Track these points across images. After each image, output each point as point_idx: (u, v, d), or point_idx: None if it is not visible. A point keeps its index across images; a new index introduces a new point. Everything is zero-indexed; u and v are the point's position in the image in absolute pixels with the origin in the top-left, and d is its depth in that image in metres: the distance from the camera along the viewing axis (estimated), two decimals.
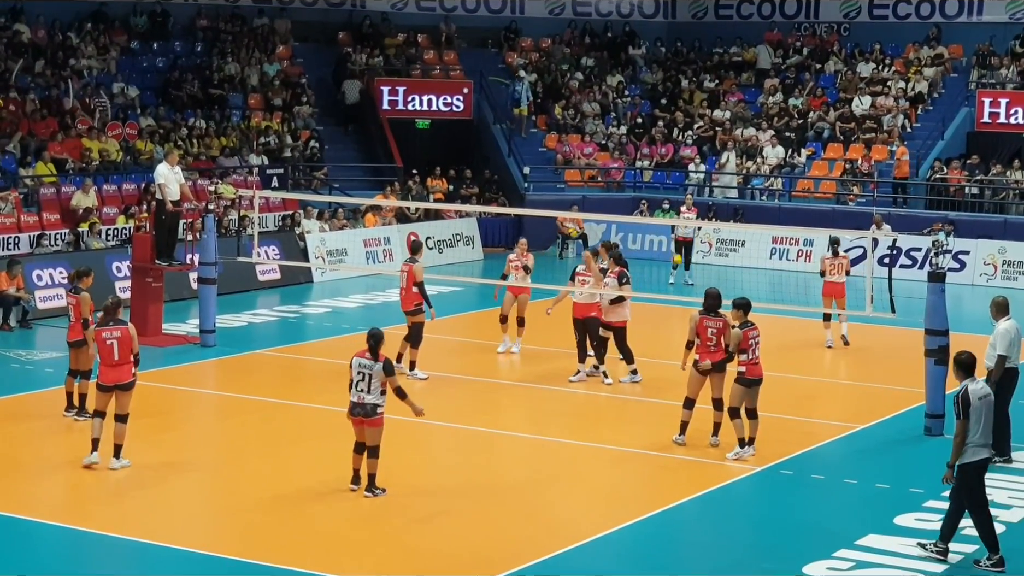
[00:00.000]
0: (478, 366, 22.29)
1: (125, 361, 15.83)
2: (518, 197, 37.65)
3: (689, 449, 17.22)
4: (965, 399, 13.12)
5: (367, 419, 14.79)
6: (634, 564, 13.49)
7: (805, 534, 14.31)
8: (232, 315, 25.70)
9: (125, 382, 15.81)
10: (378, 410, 14.76)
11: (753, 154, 38.60)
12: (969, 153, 37.05)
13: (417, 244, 21.91)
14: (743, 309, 16.83)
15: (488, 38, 42.94)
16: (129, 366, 15.83)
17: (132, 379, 15.86)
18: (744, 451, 16.79)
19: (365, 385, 14.70)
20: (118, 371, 15.80)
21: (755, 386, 16.74)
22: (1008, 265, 32.45)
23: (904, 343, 22.80)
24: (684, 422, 17.30)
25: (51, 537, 13.89)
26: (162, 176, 23.24)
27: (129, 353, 15.82)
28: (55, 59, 34.03)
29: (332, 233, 32.18)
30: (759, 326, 16.94)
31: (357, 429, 14.95)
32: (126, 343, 15.79)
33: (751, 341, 16.59)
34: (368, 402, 14.73)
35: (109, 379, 15.81)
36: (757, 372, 16.74)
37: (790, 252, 34.60)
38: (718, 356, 16.93)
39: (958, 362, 13.33)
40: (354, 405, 14.80)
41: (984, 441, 13.27)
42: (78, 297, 17.87)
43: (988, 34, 39.81)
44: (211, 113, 35.36)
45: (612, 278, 20.68)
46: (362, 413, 14.78)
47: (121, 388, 15.80)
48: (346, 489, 15.03)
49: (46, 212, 28.60)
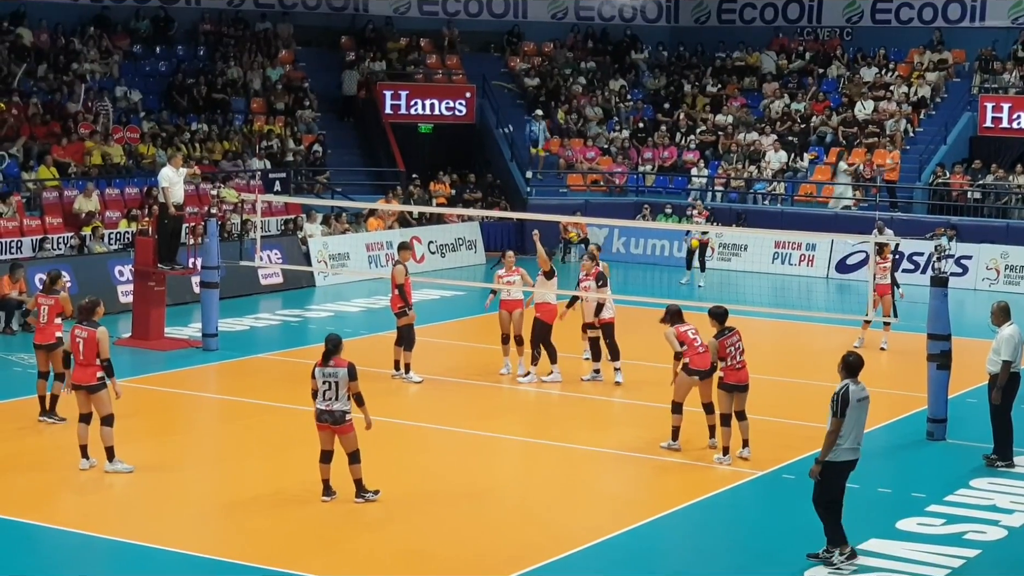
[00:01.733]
0: (474, 369, 22.26)
1: (90, 363, 15.80)
2: (520, 201, 37.64)
3: (689, 453, 17.20)
4: (844, 398, 13.09)
5: (336, 426, 14.70)
6: (634, 569, 13.46)
7: (807, 539, 14.27)
8: (234, 319, 25.70)
9: (87, 384, 15.79)
10: (347, 416, 14.70)
11: (756, 158, 38.60)
12: (972, 158, 37.05)
13: (401, 244, 22.01)
14: (718, 319, 16.83)
15: (491, 42, 42.96)
16: (95, 369, 15.78)
17: (96, 382, 15.80)
18: (725, 459, 16.78)
19: (332, 393, 14.64)
20: (82, 371, 15.83)
21: (737, 391, 16.75)
22: (1011, 270, 32.43)
23: (906, 347, 22.77)
24: (675, 427, 17.29)
25: (50, 540, 13.89)
26: (166, 180, 23.26)
27: (94, 356, 15.77)
28: (57, 63, 34.06)
29: (334, 237, 32.19)
30: (741, 330, 16.88)
31: (324, 436, 14.84)
32: (91, 345, 15.76)
33: (729, 348, 16.61)
34: (336, 409, 14.66)
35: (74, 378, 15.92)
36: (739, 377, 16.73)
37: (792, 256, 34.60)
38: (708, 361, 16.99)
39: (845, 363, 13.25)
40: (321, 412, 14.72)
41: (854, 444, 13.22)
42: (57, 298, 17.97)
43: (991, 38, 39.82)
44: (214, 117, 35.39)
45: (590, 280, 20.98)
46: (331, 420, 14.70)
47: (86, 390, 15.80)
48: (344, 493, 14.99)
49: (49, 216, 28.63)
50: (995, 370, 16.89)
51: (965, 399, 19.64)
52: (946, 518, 14.73)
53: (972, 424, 17.90)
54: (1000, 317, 17.07)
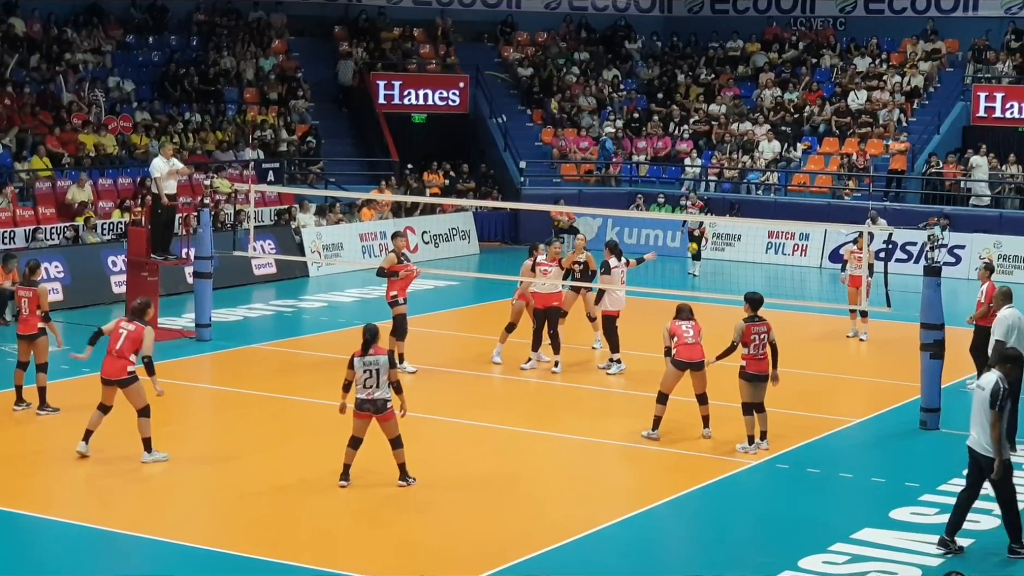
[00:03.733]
0: (468, 360, 22.26)
1: (123, 356, 15.91)
2: (514, 191, 37.64)
3: (683, 443, 17.22)
4: None
5: (380, 414, 14.87)
6: (629, 559, 13.48)
7: (801, 528, 14.31)
8: (228, 309, 25.68)
9: (118, 378, 15.88)
10: (388, 404, 14.86)
11: (749, 148, 38.60)
12: (965, 147, 37.07)
13: (395, 233, 22.16)
14: (753, 305, 16.79)
15: (484, 32, 42.92)
16: (125, 363, 15.87)
17: (127, 376, 15.91)
18: (751, 447, 16.80)
19: (374, 381, 14.75)
20: (113, 363, 15.94)
21: (757, 382, 16.73)
22: (1003, 259, 32.45)
23: (900, 337, 22.80)
24: (657, 417, 17.29)
25: (46, 532, 13.90)
26: (157, 170, 23.22)
27: (131, 351, 15.94)
28: (50, 53, 33.99)
29: (328, 227, 32.17)
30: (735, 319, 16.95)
31: (360, 424, 14.95)
32: (135, 341, 15.97)
33: (754, 336, 16.59)
34: (378, 397, 14.80)
35: (105, 372, 16.01)
36: (759, 368, 16.71)
37: (786, 246, 34.62)
38: (698, 353, 17.04)
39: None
40: (363, 402, 14.80)
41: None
42: (35, 290, 18.07)
43: (984, 28, 39.83)
44: (207, 107, 35.34)
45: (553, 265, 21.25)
46: (373, 409, 14.83)
47: (118, 384, 15.89)
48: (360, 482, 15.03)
49: (42, 206, 28.59)
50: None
51: (958, 388, 19.67)
52: (939, 507, 14.75)
53: (965, 413, 17.86)
54: (1000, 301, 17.52)
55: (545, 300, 21.06)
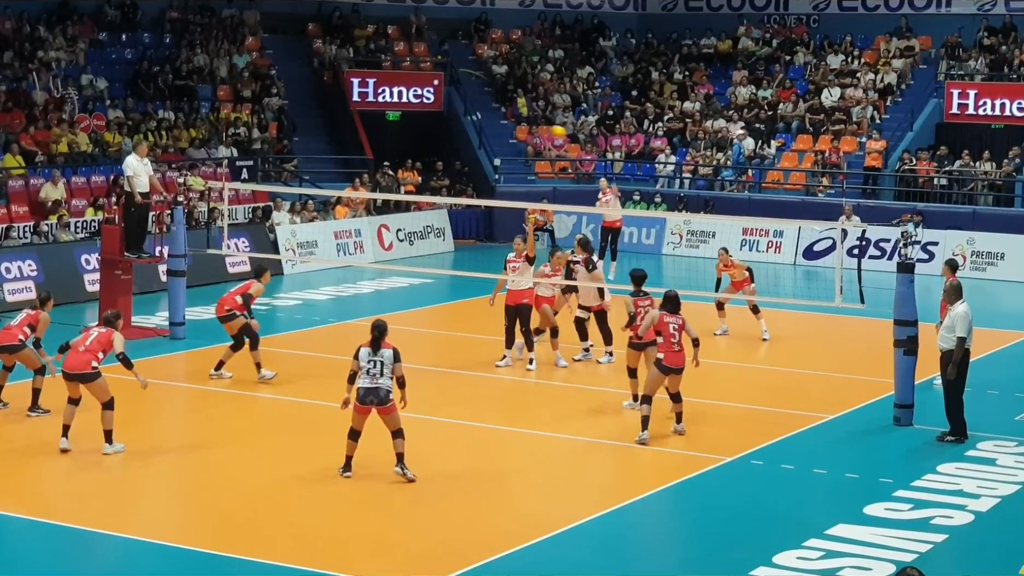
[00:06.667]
0: (447, 358, 22.26)
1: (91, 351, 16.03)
2: (488, 189, 37.62)
3: (658, 440, 17.24)
4: None
5: (382, 406, 15.01)
6: (605, 554, 13.50)
7: (775, 524, 14.34)
8: (202, 307, 25.52)
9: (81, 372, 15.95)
10: (390, 396, 14.98)
11: (723, 145, 38.67)
12: (938, 144, 37.20)
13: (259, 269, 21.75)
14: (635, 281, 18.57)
15: (458, 30, 42.89)
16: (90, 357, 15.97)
17: (91, 371, 15.96)
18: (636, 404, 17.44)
19: (378, 370, 14.92)
20: (77, 358, 16.03)
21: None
22: (977, 256, 32.58)
23: (873, 333, 22.87)
24: (645, 417, 17.29)
25: (17, 530, 13.83)
26: (131, 168, 23.12)
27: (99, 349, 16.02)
28: (23, 51, 33.83)
29: (302, 225, 32.10)
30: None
31: (360, 418, 15.05)
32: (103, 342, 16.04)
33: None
34: (382, 386, 14.94)
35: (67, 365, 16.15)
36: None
37: (760, 243, 34.69)
38: (680, 356, 17.15)
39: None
40: (367, 391, 14.94)
41: None
42: (39, 313, 18.05)
43: (956, 26, 39.95)
44: (180, 105, 35.22)
45: (580, 266, 21.46)
46: (376, 400, 14.96)
47: (79, 378, 15.99)
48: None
49: (14, 204, 28.45)
50: (947, 347, 17.44)
51: (932, 384, 19.74)
52: (913, 503, 14.81)
53: (939, 409, 17.98)
54: (953, 296, 17.74)
55: (516, 298, 21.08)
